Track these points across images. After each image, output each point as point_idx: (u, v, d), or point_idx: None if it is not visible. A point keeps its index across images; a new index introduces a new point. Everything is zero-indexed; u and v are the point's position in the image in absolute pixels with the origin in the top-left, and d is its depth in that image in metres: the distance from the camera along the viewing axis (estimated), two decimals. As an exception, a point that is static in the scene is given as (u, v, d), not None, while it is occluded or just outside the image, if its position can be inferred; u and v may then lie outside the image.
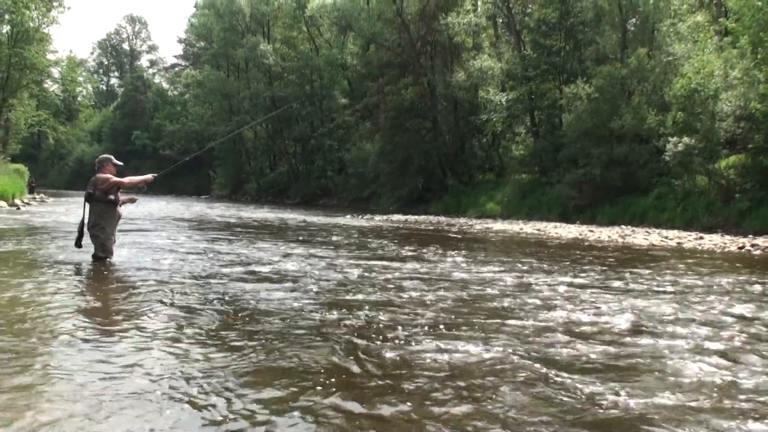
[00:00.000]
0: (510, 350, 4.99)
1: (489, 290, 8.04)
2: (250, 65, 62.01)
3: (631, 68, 26.43)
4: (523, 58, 33.71)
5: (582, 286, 8.61)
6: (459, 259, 11.79)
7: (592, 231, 20.76)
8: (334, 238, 16.23)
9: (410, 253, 12.67)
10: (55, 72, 56.96)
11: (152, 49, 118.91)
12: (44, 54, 47.38)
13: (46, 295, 6.92)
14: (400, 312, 6.44)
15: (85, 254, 9.57)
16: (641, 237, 18.43)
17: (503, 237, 19.18)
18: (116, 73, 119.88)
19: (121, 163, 9.84)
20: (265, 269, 9.45)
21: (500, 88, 37.02)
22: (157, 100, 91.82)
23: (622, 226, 22.78)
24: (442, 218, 29.97)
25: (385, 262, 10.77)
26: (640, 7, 28.16)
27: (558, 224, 24.56)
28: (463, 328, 5.79)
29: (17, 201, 29.17)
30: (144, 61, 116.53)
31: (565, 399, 3.93)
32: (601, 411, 3.76)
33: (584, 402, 3.86)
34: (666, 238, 17.95)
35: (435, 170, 39.97)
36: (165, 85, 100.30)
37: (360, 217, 29.07)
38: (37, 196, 38.71)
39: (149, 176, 10.07)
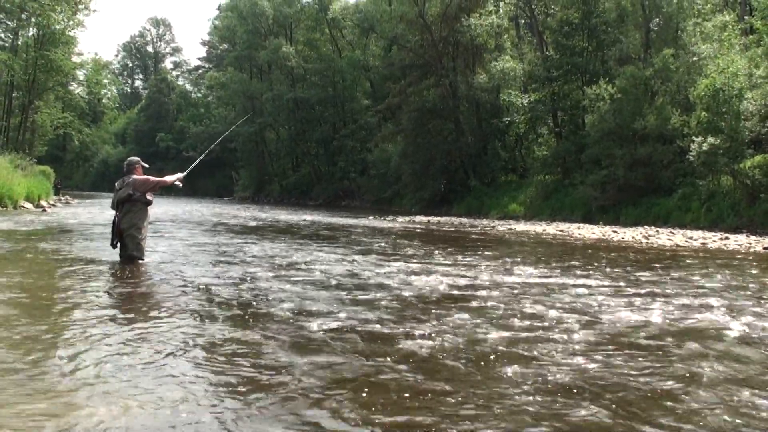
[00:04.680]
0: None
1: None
2: (272, 67, 62.41)
3: (655, 68, 26.35)
4: (546, 59, 33.65)
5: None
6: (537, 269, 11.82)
7: (615, 232, 20.72)
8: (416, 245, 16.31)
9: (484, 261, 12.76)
10: (81, 74, 57.50)
11: (176, 51, 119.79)
12: (70, 56, 47.91)
13: (84, 294, 7.11)
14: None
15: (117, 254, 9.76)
16: (665, 237, 18.39)
17: (545, 239, 19.20)
18: (140, 76, 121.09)
19: (147, 165, 10.11)
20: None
21: (522, 89, 36.99)
22: (181, 102, 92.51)
23: (646, 227, 22.70)
24: (464, 219, 29.99)
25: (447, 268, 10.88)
26: (663, 7, 28.04)
27: (581, 225, 24.53)
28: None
29: (43, 203, 29.50)
30: (168, 63, 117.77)
31: None
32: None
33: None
34: (690, 238, 17.90)
35: (457, 171, 39.99)
36: (189, 87, 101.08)
37: (384, 218, 29.15)
38: (62, 198, 39.09)
39: (180, 174, 10.34)
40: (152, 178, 9.78)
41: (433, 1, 40.37)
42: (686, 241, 17.27)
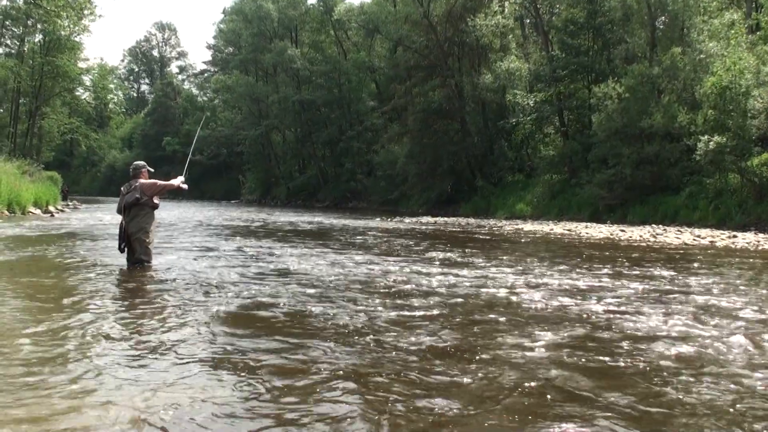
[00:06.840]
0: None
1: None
2: (278, 70, 62.48)
3: (662, 67, 26.28)
4: (551, 59, 33.56)
5: None
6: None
7: (623, 230, 20.66)
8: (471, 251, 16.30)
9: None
10: (87, 80, 57.81)
11: (181, 55, 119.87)
12: (76, 62, 48.19)
13: (94, 297, 7.13)
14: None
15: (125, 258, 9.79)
16: (673, 236, 18.33)
17: (548, 238, 19.16)
18: (146, 80, 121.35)
19: (152, 170, 10.15)
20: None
21: (528, 89, 36.94)
22: (187, 105, 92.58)
23: (653, 226, 22.64)
24: (471, 219, 29.96)
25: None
26: (669, 6, 27.94)
27: (588, 224, 24.47)
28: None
29: (51, 208, 29.63)
30: (173, 67, 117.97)
31: None
32: None
33: None
34: (698, 237, 17.85)
35: (464, 171, 39.96)
36: (194, 91, 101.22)
37: (391, 219, 29.14)
38: (69, 203, 39.20)
39: (181, 177, 10.33)
40: (159, 182, 9.85)
41: (438, 1, 40.37)
42: (694, 240, 17.21)
